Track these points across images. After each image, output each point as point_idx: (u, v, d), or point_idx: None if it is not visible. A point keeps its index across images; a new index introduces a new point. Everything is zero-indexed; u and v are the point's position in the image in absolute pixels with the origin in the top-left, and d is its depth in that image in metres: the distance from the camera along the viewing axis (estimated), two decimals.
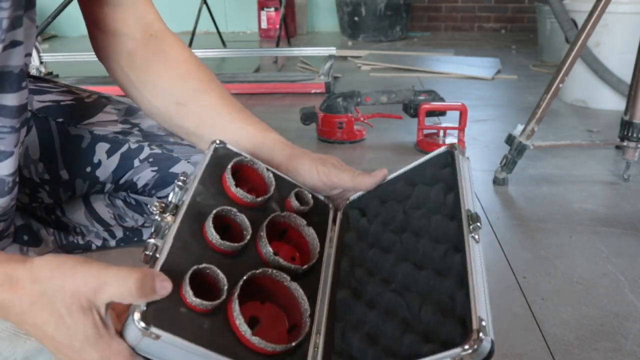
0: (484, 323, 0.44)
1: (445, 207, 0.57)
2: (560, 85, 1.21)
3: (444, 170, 0.61)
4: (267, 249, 0.54)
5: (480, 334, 0.43)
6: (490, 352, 0.43)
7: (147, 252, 0.48)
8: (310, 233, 0.60)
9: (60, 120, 0.82)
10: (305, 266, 0.56)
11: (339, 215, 0.65)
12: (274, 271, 0.51)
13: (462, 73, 2.50)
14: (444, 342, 0.46)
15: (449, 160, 0.62)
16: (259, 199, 0.58)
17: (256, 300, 0.53)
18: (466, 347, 0.42)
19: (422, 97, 1.58)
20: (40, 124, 0.81)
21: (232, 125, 0.69)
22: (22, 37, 0.61)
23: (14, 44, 0.61)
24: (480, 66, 2.64)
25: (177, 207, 0.52)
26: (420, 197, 0.60)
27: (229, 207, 0.54)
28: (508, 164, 1.24)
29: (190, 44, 3.12)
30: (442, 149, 0.63)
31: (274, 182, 0.60)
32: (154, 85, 0.73)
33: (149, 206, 0.92)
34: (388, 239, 0.58)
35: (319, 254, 0.59)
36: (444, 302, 0.49)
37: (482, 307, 0.45)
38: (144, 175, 0.86)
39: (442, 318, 0.48)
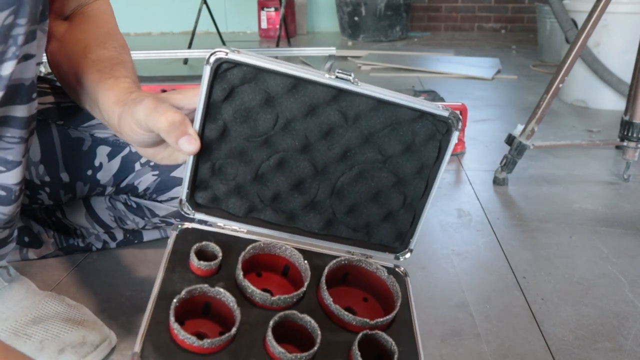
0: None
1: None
2: (560, 85, 1.21)
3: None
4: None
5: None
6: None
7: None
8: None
9: (61, 122, 0.82)
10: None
11: None
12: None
13: (462, 73, 2.50)
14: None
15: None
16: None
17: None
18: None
19: (422, 97, 1.58)
20: (40, 126, 0.81)
21: (94, 91, 0.66)
22: (35, 50, 0.61)
23: (27, 57, 0.60)
24: (480, 66, 2.64)
25: None
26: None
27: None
28: (508, 164, 1.24)
29: (190, 44, 3.12)
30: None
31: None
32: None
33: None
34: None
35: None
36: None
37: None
38: (145, 179, 0.86)
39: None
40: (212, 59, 0.54)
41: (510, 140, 1.26)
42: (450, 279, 0.87)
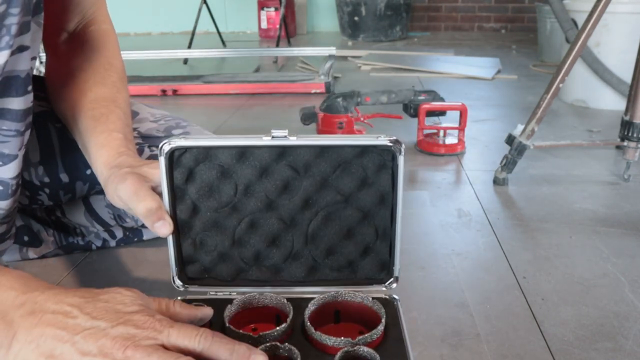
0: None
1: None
2: (561, 85, 1.21)
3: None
4: None
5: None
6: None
7: None
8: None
9: (59, 125, 0.82)
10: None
11: None
12: None
13: (462, 73, 2.50)
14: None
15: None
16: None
17: None
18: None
19: (422, 97, 1.58)
20: (39, 128, 0.81)
21: (88, 140, 0.71)
22: (29, 42, 0.62)
23: (21, 48, 0.61)
24: (480, 66, 2.64)
25: None
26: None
27: None
28: (508, 164, 1.24)
29: (190, 44, 3.12)
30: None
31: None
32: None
33: None
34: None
35: None
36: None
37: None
38: None
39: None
40: (164, 149, 0.59)
41: (510, 140, 1.26)
42: (450, 279, 0.87)
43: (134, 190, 0.60)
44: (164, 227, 0.60)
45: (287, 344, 0.55)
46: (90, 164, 0.72)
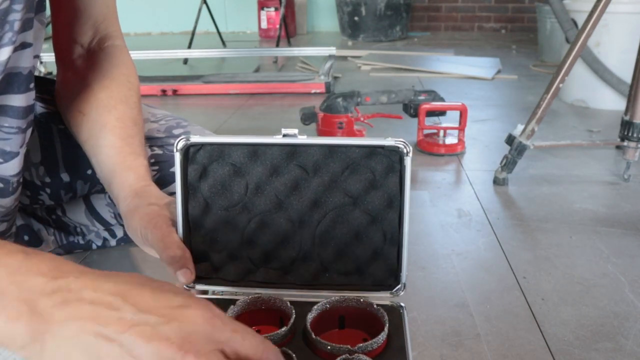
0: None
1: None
2: (561, 85, 1.21)
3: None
4: None
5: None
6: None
7: None
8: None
9: (62, 127, 0.82)
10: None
11: None
12: None
13: (462, 73, 2.50)
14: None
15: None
16: None
17: None
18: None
19: (422, 97, 1.58)
20: (41, 128, 0.81)
21: (112, 158, 0.71)
22: (31, 39, 0.62)
23: (24, 45, 0.61)
24: (480, 66, 2.64)
25: None
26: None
27: None
28: (508, 164, 1.24)
29: (190, 44, 3.12)
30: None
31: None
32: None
33: None
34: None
35: None
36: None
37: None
38: None
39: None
40: (179, 145, 0.60)
41: (510, 140, 1.26)
42: (450, 279, 0.87)
43: (160, 237, 0.60)
44: (186, 275, 0.58)
45: (284, 348, 0.55)
46: (106, 181, 0.71)
